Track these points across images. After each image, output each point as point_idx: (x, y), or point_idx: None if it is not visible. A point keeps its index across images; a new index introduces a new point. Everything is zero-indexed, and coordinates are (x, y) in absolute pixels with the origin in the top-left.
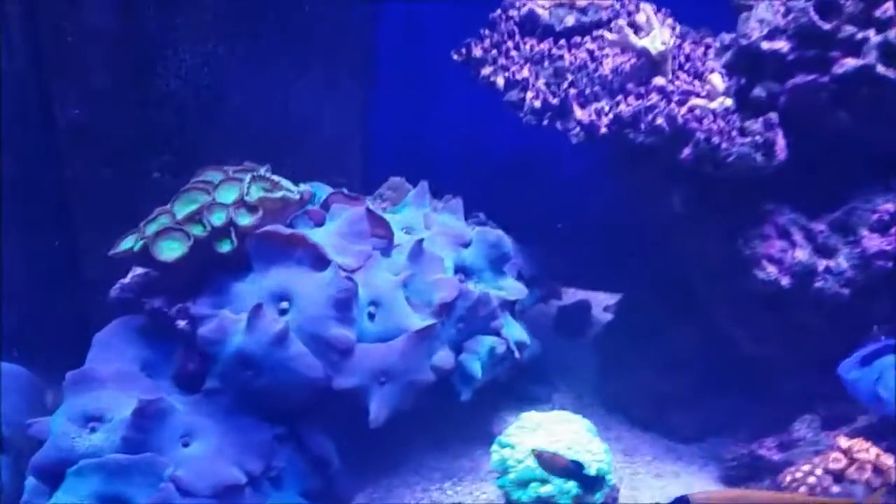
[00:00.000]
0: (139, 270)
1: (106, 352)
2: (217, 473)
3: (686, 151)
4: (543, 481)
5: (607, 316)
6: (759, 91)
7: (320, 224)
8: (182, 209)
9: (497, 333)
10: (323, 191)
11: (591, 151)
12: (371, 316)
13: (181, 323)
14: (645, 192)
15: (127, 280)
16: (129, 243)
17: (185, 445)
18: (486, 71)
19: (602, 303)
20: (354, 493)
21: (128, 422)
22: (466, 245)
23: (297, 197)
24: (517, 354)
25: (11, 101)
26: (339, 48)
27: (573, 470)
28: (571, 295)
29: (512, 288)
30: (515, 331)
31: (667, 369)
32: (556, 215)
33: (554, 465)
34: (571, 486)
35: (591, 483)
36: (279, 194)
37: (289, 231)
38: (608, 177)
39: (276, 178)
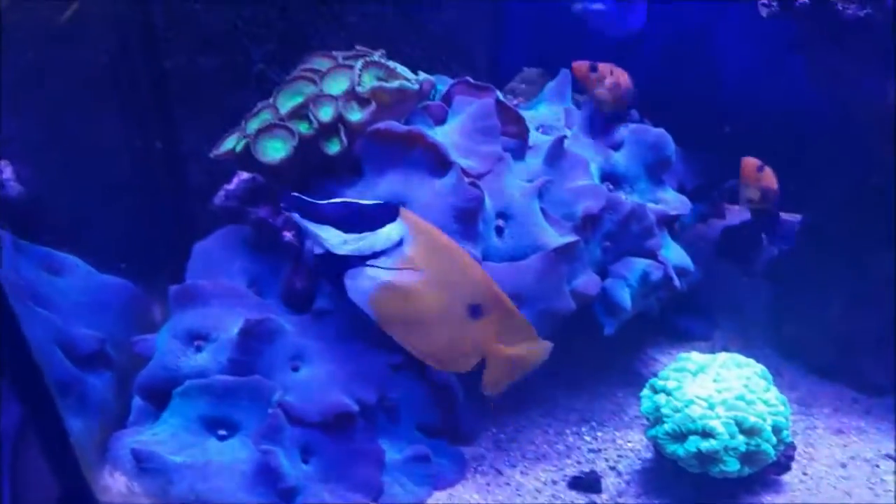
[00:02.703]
0: (245, 175)
1: (209, 264)
2: (327, 400)
3: None
4: (706, 435)
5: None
6: None
7: (442, 121)
8: (286, 102)
9: (653, 255)
10: (445, 84)
11: (771, 33)
12: (499, 230)
13: (288, 235)
14: (848, 83)
15: (232, 186)
16: (231, 143)
17: (295, 370)
18: None
19: None
20: (478, 433)
21: (234, 342)
22: (617, 146)
23: (416, 87)
24: (676, 283)
25: None
26: None
27: None
28: (736, 214)
29: (673, 201)
30: (675, 253)
31: (858, 305)
32: (721, 115)
33: None
34: (740, 441)
35: None
36: (395, 84)
37: (405, 128)
38: (793, 65)
39: (391, 64)
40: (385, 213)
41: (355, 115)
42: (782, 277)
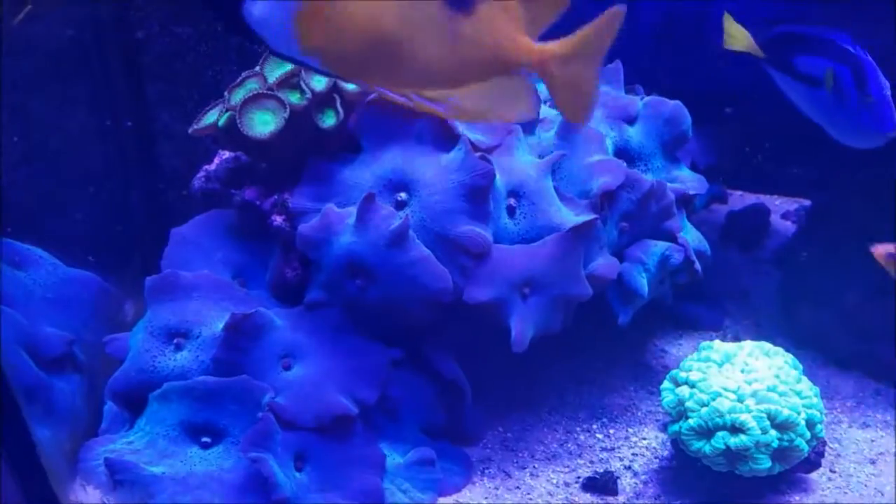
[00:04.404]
0: (227, 154)
1: (188, 253)
2: (323, 402)
3: None
4: (736, 430)
5: (787, 225)
6: None
7: None
8: (275, 70)
9: (672, 237)
10: None
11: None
12: (511, 210)
13: (277, 219)
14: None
15: (212, 167)
16: (212, 117)
17: (287, 368)
18: None
19: (779, 209)
20: (484, 432)
21: (219, 339)
22: (631, 121)
23: None
24: (698, 267)
25: None
26: None
27: None
28: (738, 199)
29: (690, 180)
30: (693, 236)
31: (877, 293)
32: (723, 95)
33: None
34: (772, 436)
35: None
36: None
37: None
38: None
39: None
40: None
41: (351, 85)
42: (792, 264)
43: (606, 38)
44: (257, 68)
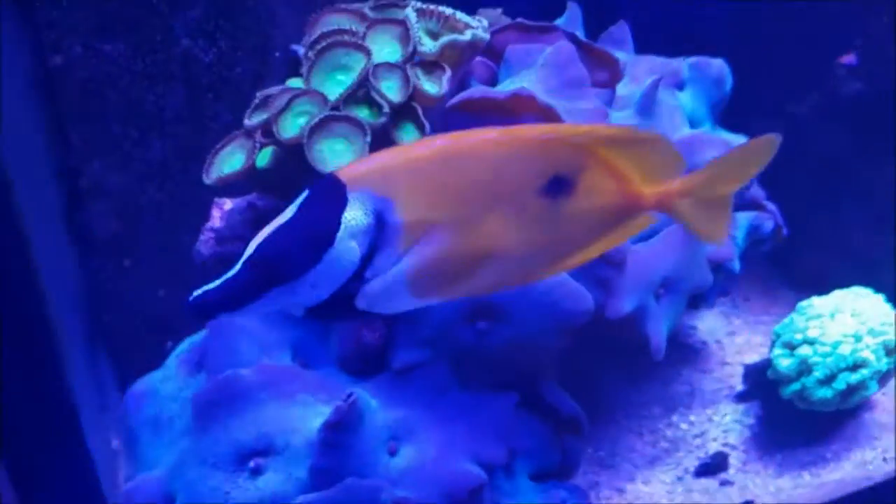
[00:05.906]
0: (231, 204)
1: (237, 342)
2: (452, 478)
3: None
4: (855, 367)
5: None
6: None
7: (490, 82)
8: (328, 82)
9: (757, 205)
10: None
11: None
12: None
13: None
14: None
15: (218, 223)
16: (238, 159)
17: (392, 454)
18: None
19: None
20: (581, 459)
21: (316, 443)
22: (681, 86)
23: (487, 36)
24: (786, 231)
25: None
26: None
27: None
28: None
29: (738, 141)
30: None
31: (873, 224)
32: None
33: None
34: (884, 363)
35: None
36: (467, 36)
37: (507, 92)
38: None
39: (444, 9)
40: (319, 206)
41: (433, 88)
42: None
43: (750, 168)
44: (301, 82)
